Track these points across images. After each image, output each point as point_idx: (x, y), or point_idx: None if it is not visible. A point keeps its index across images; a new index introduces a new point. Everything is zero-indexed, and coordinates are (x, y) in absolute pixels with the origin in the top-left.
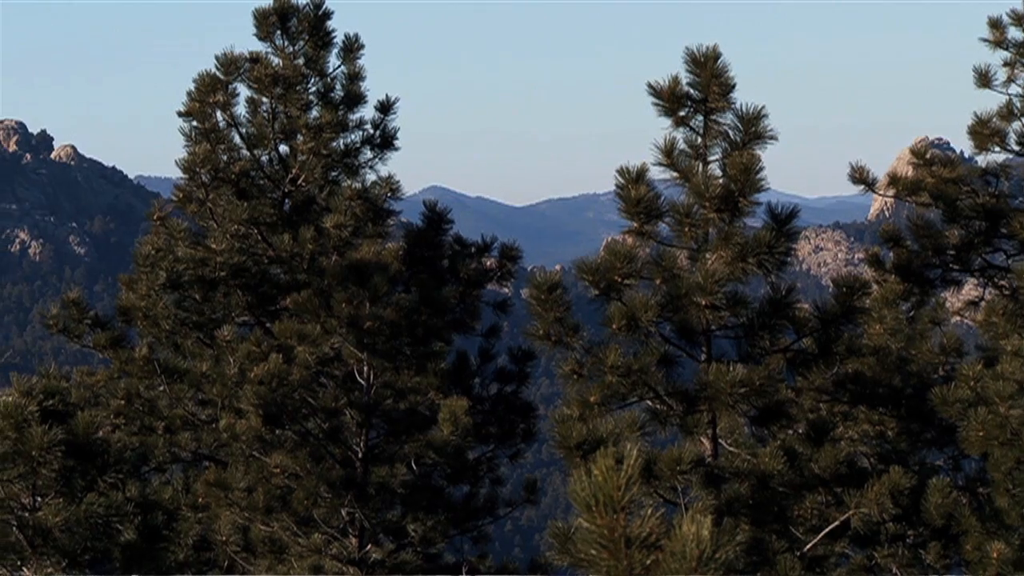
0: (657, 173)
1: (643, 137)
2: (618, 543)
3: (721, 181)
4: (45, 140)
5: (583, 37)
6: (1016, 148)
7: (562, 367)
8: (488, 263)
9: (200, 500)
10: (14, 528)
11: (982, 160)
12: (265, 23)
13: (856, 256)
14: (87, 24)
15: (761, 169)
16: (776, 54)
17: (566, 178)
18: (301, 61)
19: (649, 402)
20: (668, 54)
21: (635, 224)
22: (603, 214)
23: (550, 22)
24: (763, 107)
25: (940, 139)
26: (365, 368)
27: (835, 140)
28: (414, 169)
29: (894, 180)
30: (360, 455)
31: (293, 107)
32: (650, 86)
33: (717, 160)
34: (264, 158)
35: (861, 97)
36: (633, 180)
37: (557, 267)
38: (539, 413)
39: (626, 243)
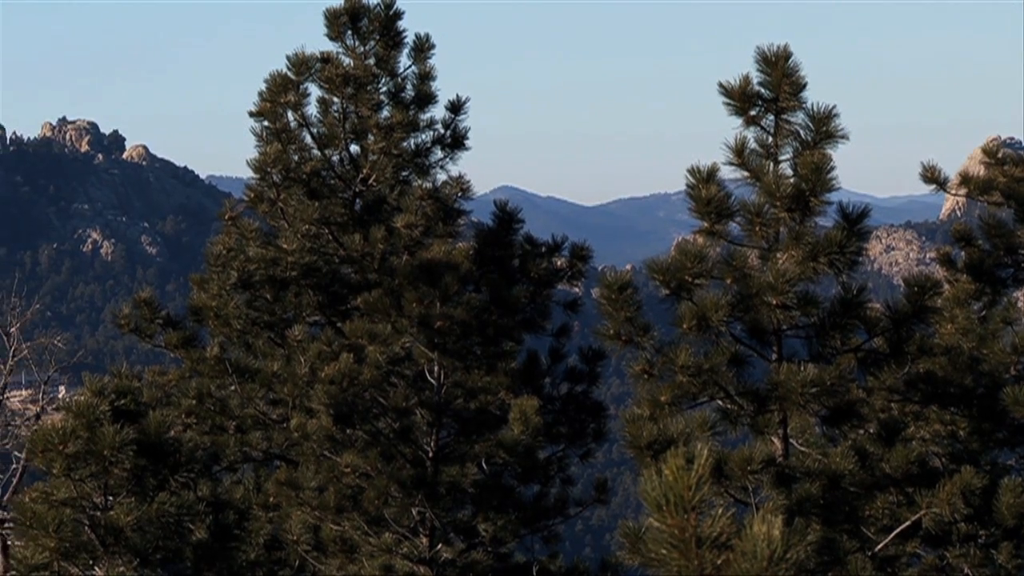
0: (728, 172)
1: (714, 136)
2: (688, 543)
3: (792, 180)
4: (117, 140)
5: (657, 36)
6: None
7: (632, 367)
8: (559, 263)
9: (271, 499)
10: (86, 527)
11: None
12: (336, 23)
13: (927, 255)
14: (160, 24)
15: (832, 168)
16: (848, 52)
17: (637, 177)
18: (372, 61)
19: (720, 402)
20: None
21: (706, 224)
22: (674, 214)
23: (624, 21)
24: (834, 106)
25: (1012, 138)
26: (436, 368)
27: (907, 139)
28: (485, 169)
29: (966, 179)
30: (431, 454)
31: (364, 107)
32: (721, 86)
33: (788, 159)
34: (335, 158)
35: (933, 96)
36: (704, 180)
37: (628, 267)
38: (609, 413)
39: (697, 242)
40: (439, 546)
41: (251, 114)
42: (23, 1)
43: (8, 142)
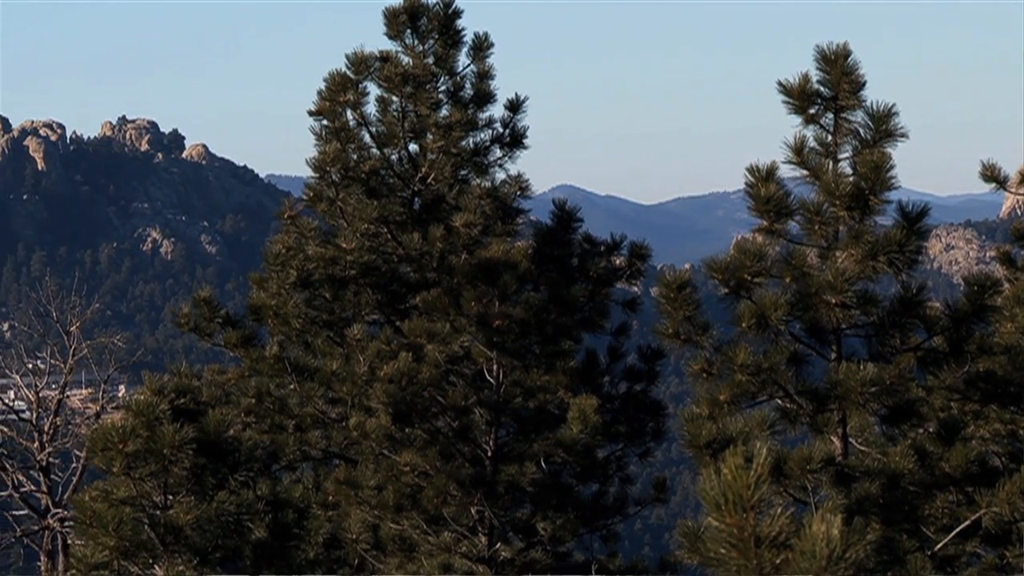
0: (787, 171)
1: (773, 135)
2: (748, 542)
3: (851, 179)
4: (177, 139)
5: (717, 33)
6: None
7: (691, 366)
8: (617, 261)
9: (330, 498)
10: (146, 526)
11: None
12: (395, 22)
13: (987, 254)
14: (220, 23)
15: (892, 167)
16: (907, 50)
17: (696, 176)
18: (431, 60)
19: (779, 401)
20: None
21: (765, 222)
22: (733, 212)
23: (683, 18)
24: (893, 104)
25: None
26: (494, 366)
27: (966, 137)
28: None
29: None
30: (489, 453)
31: (423, 106)
32: (780, 84)
33: (847, 158)
34: (394, 157)
35: (993, 94)
36: (763, 178)
37: (686, 265)
38: (668, 412)
39: (756, 241)
40: (498, 545)
41: (310, 113)
42: (83, 1)
43: (68, 141)
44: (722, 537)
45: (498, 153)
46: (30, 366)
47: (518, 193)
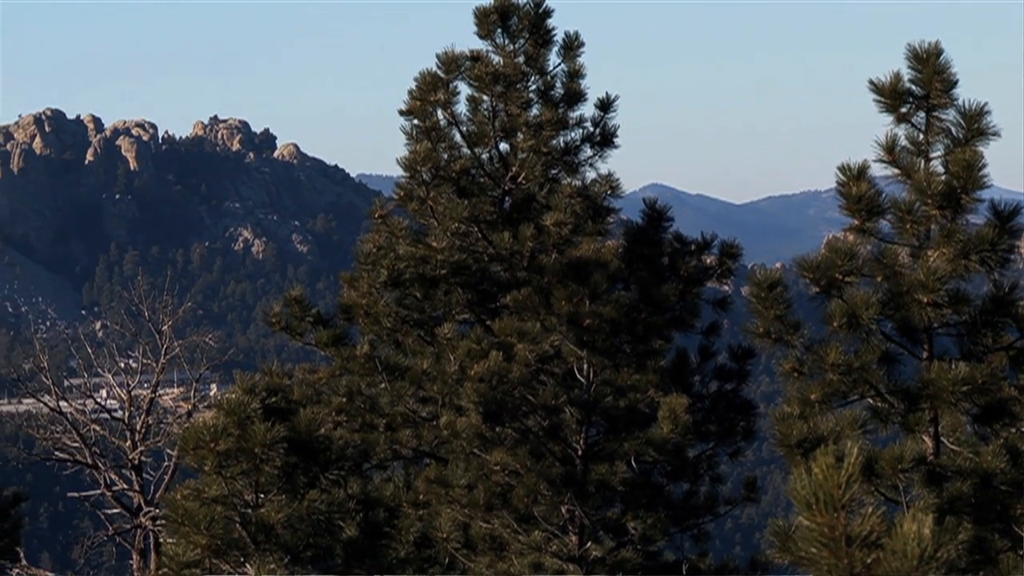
0: (878, 170)
1: (865, 133)
2: (839, 541)
3: (943, 178)
4: (268, 139)
5: (808, 32)
6: None
7: (782, 365)
8: (708, 260)
9: (421, 497)
10: (237, 525)
11: None
12: (486, 21)
13: None
14: (311, 22)
15: (984, 166)
16: (997, 48)
17: (787, 175)
18: (521, 59)
19: (870, 400)
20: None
21: (856, 221)
22: (824, 211)
23: (773, 17)
24: (985, 103)
25: None
26: (585, 365)
27: None
28: (634, 167)
29: None
30: (580, 452)
31: (513, 105)
32: (872, 83)
33: (939, 157)
34: (484, 156)
35: None
36: (854, 177)
37: (777, 264)
38: (759, 411)
39: (847, 240)
40: (588, 544)
41: (401, 112)
42: (175, 2)
43: (160, 141)
44: (813, 536)
45: (588, 152)
46: (123, 365)
47: (608, 192)
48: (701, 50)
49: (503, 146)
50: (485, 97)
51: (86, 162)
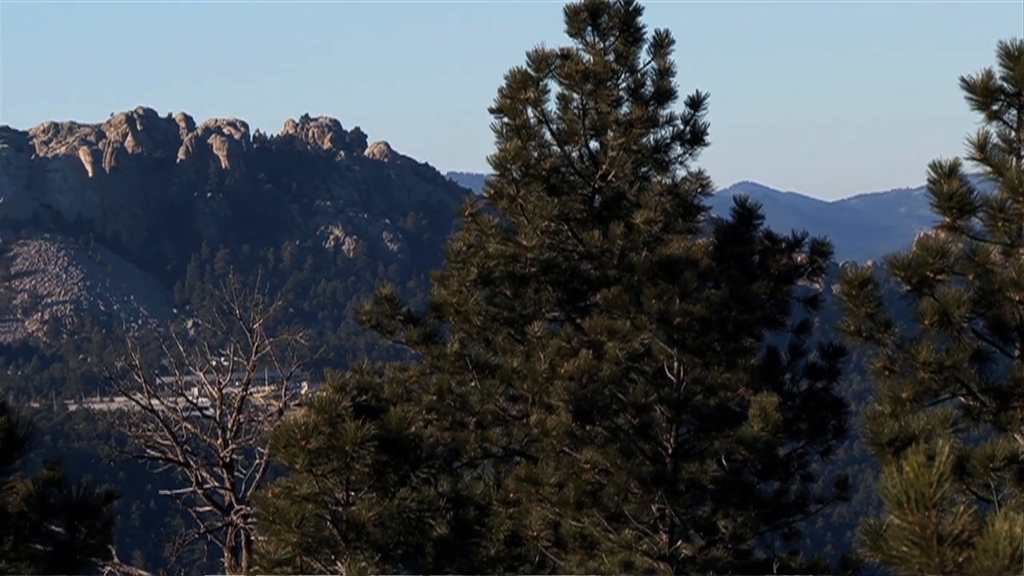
0: (970, 168)
1: (957, 131)
2: (930, 540)
3: None
4: (359, 137)
5: (898, 30)
6: None
7: (873, 363)
8: (799, 259)
9: (511, 495)
10: (328, 523)
11: None
12: (576, 20)
13: None
14: (400, 22)
15: None
16: None
17: (879, 173)
18: (612, 57)
19: (962, 398)
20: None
21: (947, 219)
22: (915, 209)
23: (864, 15)
24: None
25: None
26: (675, 364)
27: None
28: (725, 165)
29: None
30: (670, 451)
31: (603, 103)
32: (963, 80)
33: None
34: (574, 154)
35: None
36: (945, 175)
37: (868, 263)
38: (850, 409)
39: (938, 238)
40: (679, 543)
41: (492, 111)
42: (265, 2)
43: (252, 139)
44: (904, 535)
45: (679, 150)
46: (214, 363)
47: (699, 190)
48: (794, 48)
49: (593, 144)
50: (575, 95)
51: (178, 161)
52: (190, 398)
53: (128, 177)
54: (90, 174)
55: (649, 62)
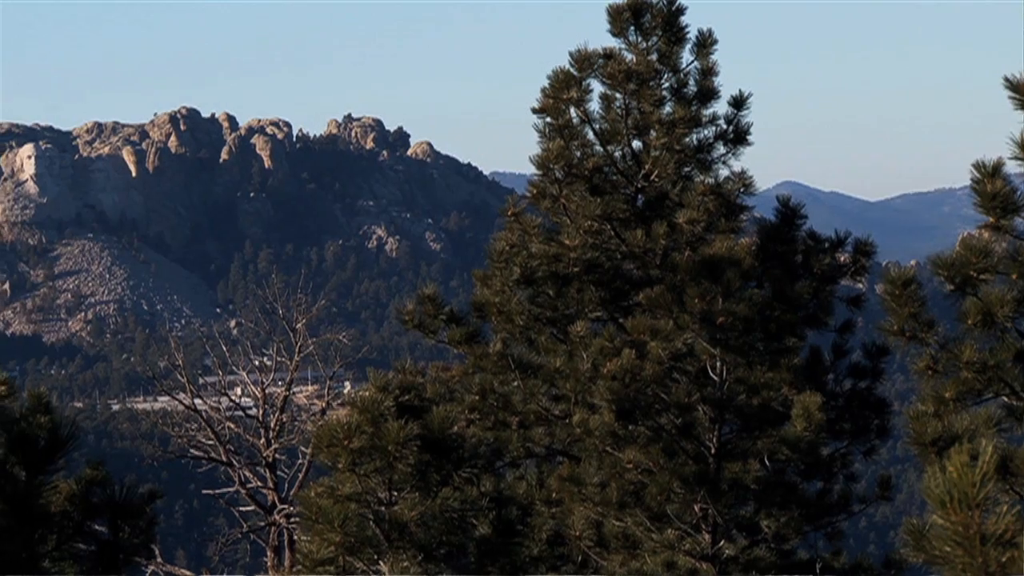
0: (1013, 167)
1: (1000, 130)
2: (973, 540)
3: None
4: (402, 137)
5: (936, 29)
6: None
7: (917, 363)
8: (842, 258)
9: (554, 495)
10: (371, 522)
11: None
12: (619, 19)
13: None
14: (442, 22)
15: None
16: None
17: (922, 172)
18: (654, 57)
19: (1005, 398)
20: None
21: (991, 218)
22: (959, 208)
23: (906, 13)
24: None
25: None
26: (718, 363)
27: None
28: (768, 164)
29: None
30: (713, 451)
31: (646, 103)
32: (1007, 80)
33: None
34: (617, 154)
35: None
36: (989, 174)
37: (912, 262)
38: (893, 409)
39: (982, 238)
40: (721, 543)
41: (534, 111)
42: (309, 2)
43: (295, 139)
44: (947, 535)
45: (722, 150)
46: (257, 363)
47: (741, 190)
48: (836, 47)
49: (636, 144)
50: (618, 95)
51: (221, 160)
52: (233, 398)
53: (171, 177)
54: (134, 174)
55: (692, 62)
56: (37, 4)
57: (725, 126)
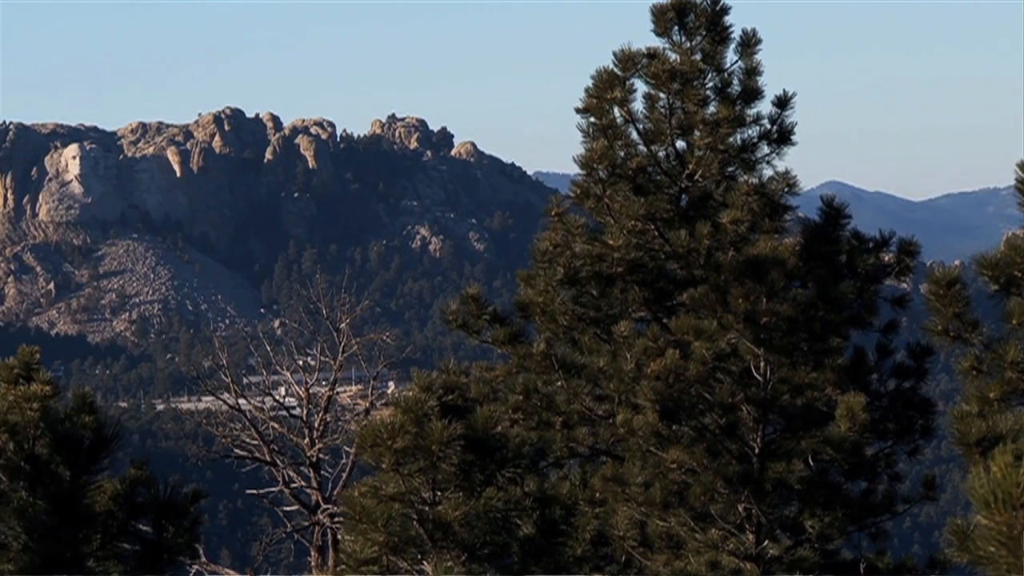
0: None
1: None
2: (1017, 540)
3: None
4: (445, 137)
5: (983, 28)
6: None
7: (961, 363)
8: (886, 258)
9: (598, 495)
10: (414, 522)
11: None
12: (663, 19)
13: None
14: (486, 22)
15: None
16: None
17: (967, 172)
18: (698, 56)
19: None
20: None
21: None
22: (1003, 208)
23: (953, 13)
24: None
25: None
26: (762, 363)
27: None
28: (812, 164)
29: None
30: (757, 451)
31: (690, 102)
32: None
33: None
34: (661, 153)
35: None
36: None
37: (956, 262)
38: (938, 409)
39: None
40: (765, 543)
41: (578, 110)
42: (352, 2)
43: (339, 139)
44: (992, 535)
45: (765, 150)
46: (301, 363)
47: (785, 190)
48: (881, 46)
49: (680, 143)
50: (662, 94)
51: (265, 161)
52: (277, 398)
53: (216, 177)
54: (178, 174)
55: (736, 61)
56: (82, 4)
57: (769, 126)
